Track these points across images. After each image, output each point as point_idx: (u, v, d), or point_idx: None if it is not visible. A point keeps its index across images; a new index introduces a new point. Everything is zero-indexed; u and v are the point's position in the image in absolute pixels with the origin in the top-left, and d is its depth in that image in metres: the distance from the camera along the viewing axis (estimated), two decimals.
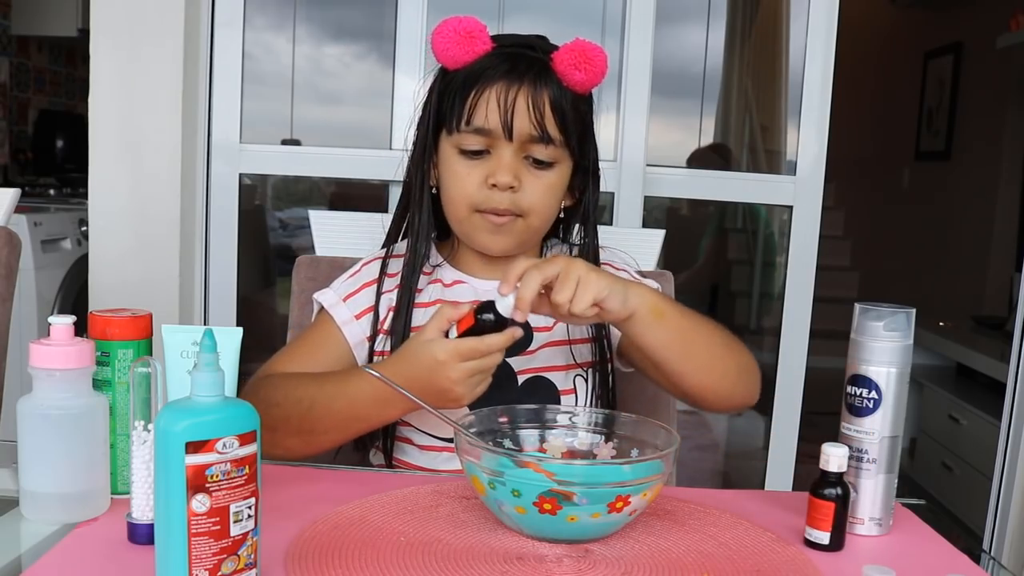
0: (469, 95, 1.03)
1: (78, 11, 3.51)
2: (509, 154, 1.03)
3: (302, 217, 1.82)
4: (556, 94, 1.03)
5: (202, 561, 0.64)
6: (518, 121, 1.02)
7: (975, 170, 4.13)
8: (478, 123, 1.03)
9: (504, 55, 1.03)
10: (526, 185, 1.04)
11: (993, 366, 3.04)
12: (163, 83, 1.73)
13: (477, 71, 1.03)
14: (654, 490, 0.80)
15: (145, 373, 0.78)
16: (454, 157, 1.06)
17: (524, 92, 1.02)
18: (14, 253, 1.26)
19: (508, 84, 1.02)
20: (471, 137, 1.04)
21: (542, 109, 1.02)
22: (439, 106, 1.07)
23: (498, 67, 1.02)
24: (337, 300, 1.11)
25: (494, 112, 1.02)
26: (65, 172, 3.70)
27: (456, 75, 1.04)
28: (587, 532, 0.80)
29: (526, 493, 0.77)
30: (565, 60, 1.03)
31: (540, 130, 1.02)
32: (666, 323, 0.95)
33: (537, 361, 1.10)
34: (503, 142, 1.03)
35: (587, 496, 0.76)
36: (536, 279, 0.88)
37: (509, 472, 0.78)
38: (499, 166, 1.03)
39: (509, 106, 1.01)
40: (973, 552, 0.85)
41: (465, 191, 1.05)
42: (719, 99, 3.28)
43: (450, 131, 1.05)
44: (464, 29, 1.02)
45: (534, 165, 1.05)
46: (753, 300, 3.38)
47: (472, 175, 1.04)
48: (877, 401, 0.87)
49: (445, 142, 1.07)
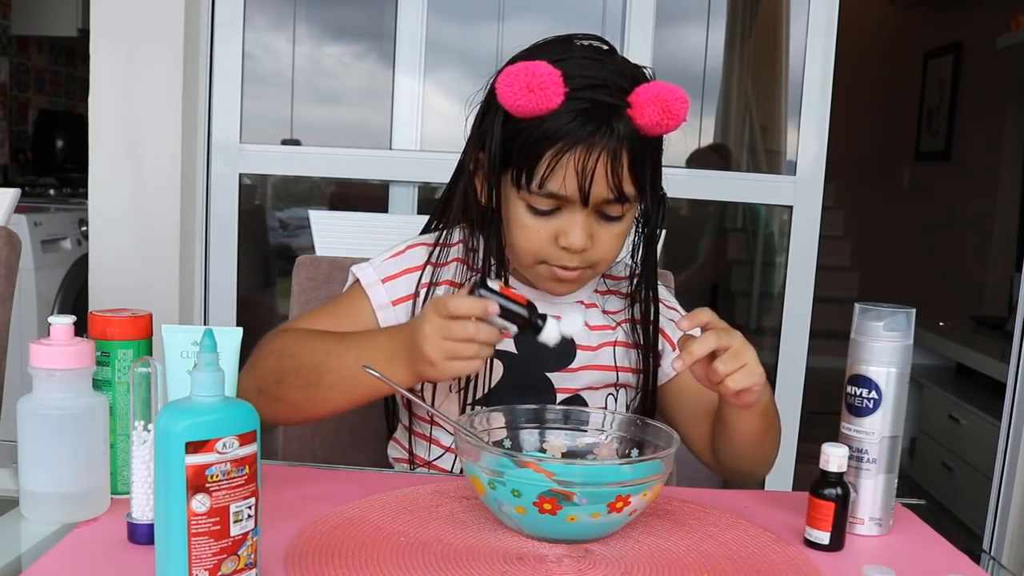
0: (542, 158, 0.95)
1: (78, 11, 3.51)
2: (583, 216, 0.97)
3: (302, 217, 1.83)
4: (635, 148, 0.95)
5: (202, 561, 0.64)
6: (596, 188, 0.95)
7: (975, 170, 4.13)
8: (553, 188, 0.95)
9: (580, 112, 0.93)
10: (597, 239, 0.99)
11: (993, 366, 3.04)
12: (163, 83, 1.73)
13: (553, 133, 0.94)
14: (654, 490, 0.80)
15: (145, 373, 0.78)
16: (521, 210, 0.99)
17: (604, 157, 0.94)
18: (14, 253, 1.26)
19: (587, 149, 0.93)
20: (543, 200, 0.97)
21: (620, 173, 0.95)
22: (504, 149, 0.98)
23: (577, 131, 0.93)
24: (376, 280, 1.06)
25: (571, 179, 0.94)
26: (65, 172, 3.70)
27: (526, 127, 0.95)
28: (587, 532, 0.80)
29: (526, 493, 0.77)
30: (646, 112, 0.94)
31: (617, 193, 0.96)
32: (762, 419, 0.99)
33: (578, 382, 1.08)
34: (577, 205, 0.97)
35: (587, 496, 0.76)
36: (712, 343, 0.88)
37: (509, 472, 0.78)
38: (572, 228, 0.97)
39: (588, 173, 0.94)
40: (973, 552, 0.85)
41: (532, 246, 1.00)
42: (719, 99, 3.29)
43: (519, 187, 0.98)
44: (536, 82, 0.92)
45: (604, 219, 0.99)
46: (753, 300, 3.39)
47: (541, 231, 0.99)
48: (877, 401, 0.87)
49: (510, 188, 1.00)
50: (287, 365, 0.97)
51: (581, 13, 2.14)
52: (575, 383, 1.07)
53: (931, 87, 4.59)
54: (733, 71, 3.25)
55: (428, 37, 1.89)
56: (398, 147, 1.92)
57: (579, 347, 1.08)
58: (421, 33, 1.88)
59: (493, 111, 0.99)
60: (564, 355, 1.06)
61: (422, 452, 1.10)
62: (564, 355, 1.06)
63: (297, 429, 1.29)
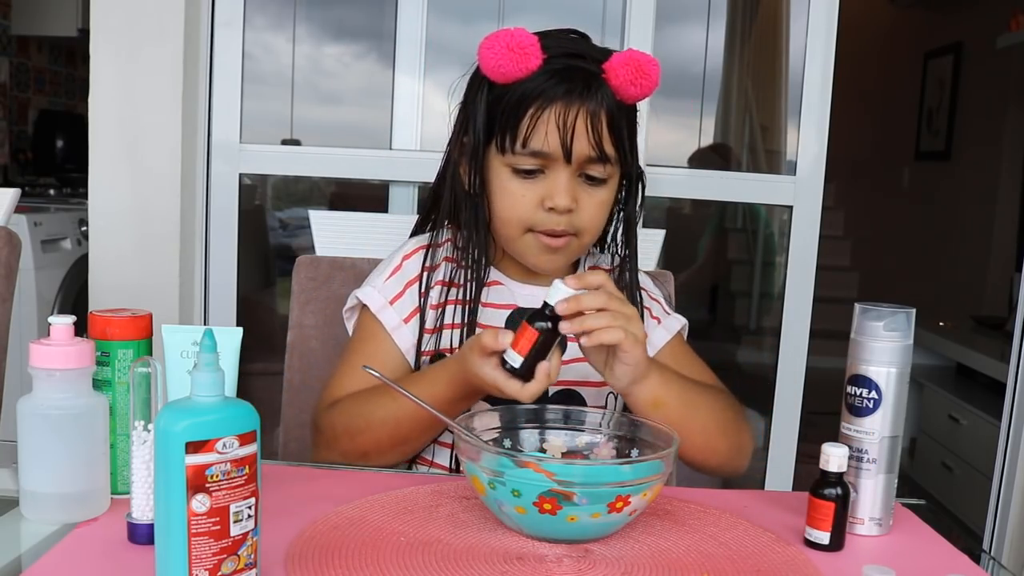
0: (525, 116, 0.99)
1: (78, 11, 3.51)
2: (566, 176, 1.00)
3: (302, 217, 1.82)
4: (613, 111, 1.00)
5: (202, 561, 0.64)
6: (577, 143, 0.99)
7: (975, 170, 4.13)
8: (536, 146, 0.99)
9: (558, 72, 0.98)
10: (581, 204, 1.02)
11: (993, 366, 3.04)
12: (163, 83, 1.73)
13: (533, 91, 0.98)
14: (654, 490, 0.80)
15: (145, 373, 0.78)
16: (506, 175, 1.03)
17: (583, 113, 0.98)
18: (14, 253, 1.26)
19: (566, 105, 0.98)
20: (527, 158, 1.00)
21: (600, 130, 0.99)
22: (488, 120, 1.02)
23: (555, 87, 0.98)
24: (384, 303, 1.08)
25: (553, 135, 0.98)
26: (65, 172, 3.70)
27: (508, 92, 1.00)
28: (587, 532, 0.80)
29: (526, 493, 0.77)
30: (620, 75, 0.99)
31: (599, 151, 1.00)
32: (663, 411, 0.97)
33: (571, 374, 1.08)
34: (560, 163, 1.00)
35: (587, 496, 0.76)
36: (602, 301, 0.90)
37: (509, 472, 0.78)
38: (557, 188, 1.00)
39: (568, 128, 0.98)
40: (973, 552, 0.85)
41: (519, 212, 1.02)
42: (719, 99, 3.29)
43: (503, 151, 1.01)
44: (516, 43, 0.97)
45: (588, 182, 1.02)
46: (753, 300, 3.39)
47: (527, 196, 1.02)
48: (877, 401, 0.87)
49: (495, 158, 1.03)
50: (367, 441, 1.01)
51: (581, 13, 2.14)
52: (568, 374, 1.08)
53: (931, 87, 4.59)
54: (733, 71, 3.25)
55: (428, 37, 1.89)
56: (398, 147, 1.92)
57: (569, 339, 1.08)
58: (421, 33, 1.88)
59: (477, 85, 1.04)
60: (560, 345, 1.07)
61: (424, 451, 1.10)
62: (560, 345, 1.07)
63: (297, 429, 1.29)
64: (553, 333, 0.90)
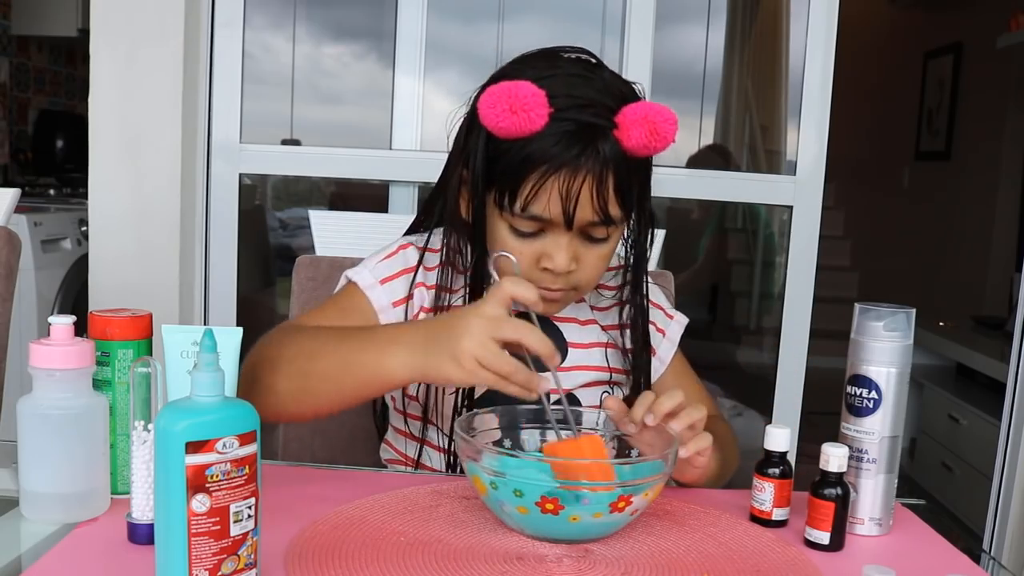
0: (526, 180, 0.92)
1: (78, 11, 3.51)
2: (566, 240, 0.95)
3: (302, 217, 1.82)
4: (621, 170, 0.93)
5: (202, 561, 0.64)
6: (580, 212, 0.93)
7: (975, 170, 4.13)
8: (537, 212, 0.93)
9: (565, 134, 0.91)
10: (581, 262, 0.97)
11: (993, 366, 3.04)
12: (163, 83, 1.73)
13: (537, 156, 0.91)
14: (655, 490, 0.80)
15: (145, 373, 0.78)
16: (504, 230, 0.97)
17: (589, 180, 0.91)
18: (14, 253, 1.26)
19: (572, 172, 0.91)
20: (526, 223, 0.95)
21: (606, 195, 0.93)
22: (487, 168, 0.96)
23: (562, 152, 0.90)
24: (374, 282, 1.04)
25: (556, 203, 0.92)
26: (65, 172, 3.70)
27: (510, 148, 0.93)
28: (589, 532, 0.80)
29: (528, 493, 0.77)
30: (633, 134, 0.91)
31: (603, 215, 0.94)
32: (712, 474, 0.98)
33: (572, 382, 1.07)
34: (562, 228, 0.95)
35: (590, 496, 0.77)
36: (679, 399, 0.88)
37: (512, 472, 0.78)
38: (556, 250, 0.95)
39: (573, 197, 0.91)
40: (973, 552, 0.85)
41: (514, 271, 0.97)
42: (719, 99, 3.28)
43: (501, 209, 0.96)
44: (520, 104, 0.89)
45: (588, 241, 0.97)
46: (753, 300, 3.39)
47: (525, 253, 0.96)
48: (877, 401, 0.87)
49: (492, 207, 0.98)
50: (282, 355, 0.92)
51: (581, 13, 2.14)
52: (568, 383, 1.06)
53: (931, 87, 4.59)
54: (733, 71, 3.25)
55: (428, 37, 1.89)
56: (398, 147, 1.92)
57: (571, 345, 1.08)
58: (421, 33, 1.88)
59: (476, 130, 0.96)
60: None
61: (413, 453, 1.09)
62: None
63: (297, 429, 1.29)
64: None
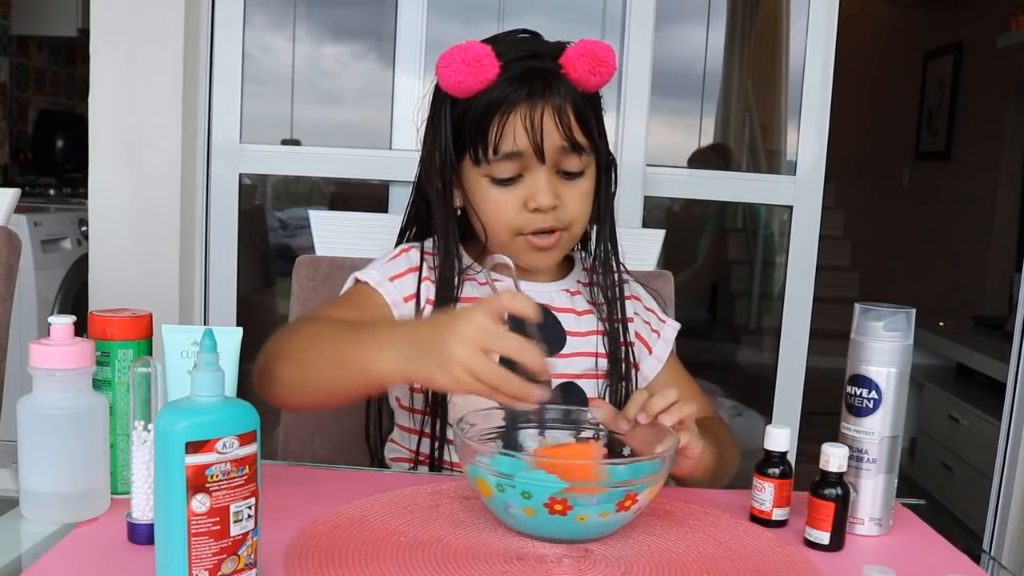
0: (491, 124, 1.00)
1: (78, 11, 3.51)
2: (544, 175, 1.01)
3: (302, 217, 1.82)
4: (577, 103, 1.01)
5: (202, 561, 0.64)
6: (548, 140, 1.00)
7: (975, 170, 4.13)
8: (507, 149, 1.00)
9: (517, 76, 1.00)
10: (564, 199, 1.03)
11: (993, 366, 3.04)
12: (163, 83, 1.73)
13: (496, 99, 1.00)
14: (658, 487, 0.80)
15: (145, 373, 0.78)
16: (485, 185, 1.03)
17: (548, 110, 0.99)
18: (14, 253, 1.26)
19: (531, 105, 0.99)
20: (502, 165, 1.01)
21: (568, 122, 1.00)
22: (456, 137, 1.04)
23: (516, 91, 0.99)
24: (384, 279, 1.07)
25: (522, 136, 0.99)
26: (65, 172, 3.70)
27: (471, 104, 1.01)
28: (595, 531, 0.80)
29: (537, 495, 0.76)
30: (578, 67, 1.00)
31: (570, 142, 1.01)
32: (709, 473, 1.00)
33: (574, 368, 1.08)
34: (536, 164, 1.01)
35: (600, 495, 0.77)
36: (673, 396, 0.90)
37: (520, 475, 0.78)
38: (537, 189, 1.01)
39: (537, 127, 0.99)
40: (973, 552, 0.85)
41: (504, 218, 1.03)
42: (719, 99, 3.29)
43: (477, 162, 1.02)
44: (471, 57, 0.98)
45: (566, 178, 1.04)
46: (753, 300, 3.39)
47: (509, 201, 1.03)
48: (877, 401, 0.87)
49: (471, 171, 1.04)
50: (290, 344, 0.94)
51: (581, 13, 2.14)
52: (570, 368, 1.08)
53: (931, 87, 4.59)
54: (733, 71, 3.26)
55: (428, 37, 1.89)
56: (398, 147, 1.92)
57: (569, 333, 1.09)
58: (421, 33, 1.88)
59: (439, 106, 1.05)
60: (556, 341, 1.07)
61: (426, 448, 1.09)
62: (556, 341, 1.07)
63: (297, 429, 1.29)
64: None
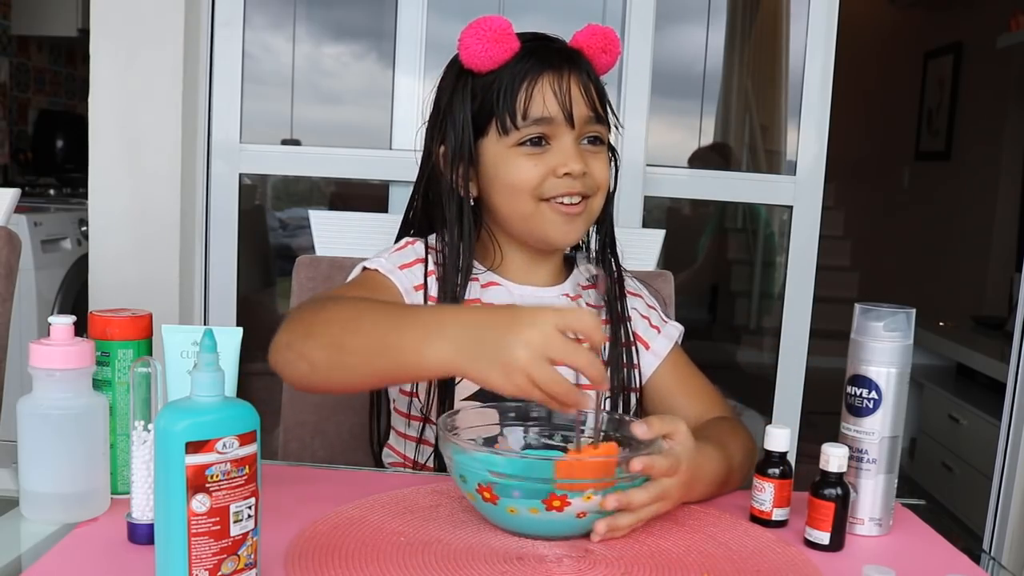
0: (519, 91, 1.03)
1: (78, 11, 3.51)
2: (571, 141, 1.04)
3: (302, 217, 1.82)
4: (595, 79, 1.07)
5: (202, 561, 0.64)
6: (576, 106, 1.04)
7: (975, 170, 4.13)
8: (537, 114, 1.03)
9: (538, 50, 1.05)
10: (590, 166, 1.06)
11: (993, 366, 3.04)
12: (163, 83, 1.73)
13: (523, 68, 1.04)
14: None
15: (145, 373, 0.78)
16: (512, 155, 1.05)
17: (575, 79, 1.04)
18: (14, 253, 1.26)
19: (558, 73, 1.03)
20: (531, 128, 1.04)
21: (591, 94, 1.05)
22: (476, 117, 1.06)
23: (542, 62, 1.03)
24: (394, 268, 1.07)
25: (552, 101, 1.03)
26: (65, 172, 3.70)
27: (496, 76, 1.04)
28: None
29: (537, 494, 0.76)
30: (592, 46, 1.07)
31: (594, 111, 1.05)
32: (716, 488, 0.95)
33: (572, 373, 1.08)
34: (564, 129, 1.04)
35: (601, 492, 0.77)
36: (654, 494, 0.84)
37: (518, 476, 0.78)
38: (567, 155, 1.04)
39: (565, 92, 1.03)
40: (973, 552, 0.85)
41: (531, 182, 1.04)
42: (719, 99, 3.29)
43: (506, 130, 1.04)
44: (497, 28, 1.03)
45: (590, 144, 1.07)
46: (753, 300, 3.39)
47: (537, 167, 1.04)
48: (877, 401, 0.87)
49: (495, 145, 1.05)
50: (317, 319, 0.88)
51: (581, 13, 2.14)
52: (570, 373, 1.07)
53: (931, 87, 4.59)
54: (733, 71, 3.25)
55: (428, 37, 1.89)
56: (398, 147, 1.92)
57: None
58: (421, 33, 1.88)
59: (457, 86, 1.07)
60: None
61: (412, 454, 1.10)
62: None
63: (297, 429, 1.29)
64: None
